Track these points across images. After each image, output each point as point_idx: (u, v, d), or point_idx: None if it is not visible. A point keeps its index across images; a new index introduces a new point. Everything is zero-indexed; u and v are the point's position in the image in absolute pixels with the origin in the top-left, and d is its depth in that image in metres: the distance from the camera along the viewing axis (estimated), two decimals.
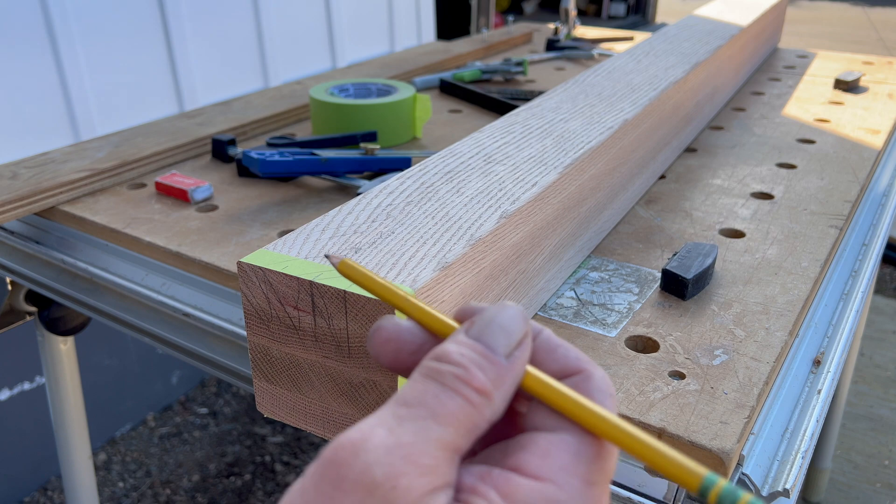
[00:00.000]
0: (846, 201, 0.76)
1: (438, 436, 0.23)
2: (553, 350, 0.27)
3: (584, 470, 0.24)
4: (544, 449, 0.24)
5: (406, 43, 2.25)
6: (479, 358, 0.25)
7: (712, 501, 0.23)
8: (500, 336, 0.25)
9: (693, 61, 0.85)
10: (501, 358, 0.25)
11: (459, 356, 0.24)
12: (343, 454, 0.22)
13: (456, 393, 0.24)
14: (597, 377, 0.26)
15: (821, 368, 0.55)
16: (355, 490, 0.21)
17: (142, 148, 0.86)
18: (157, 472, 1.70)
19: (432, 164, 0.55)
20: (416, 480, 0.21)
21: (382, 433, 0.22)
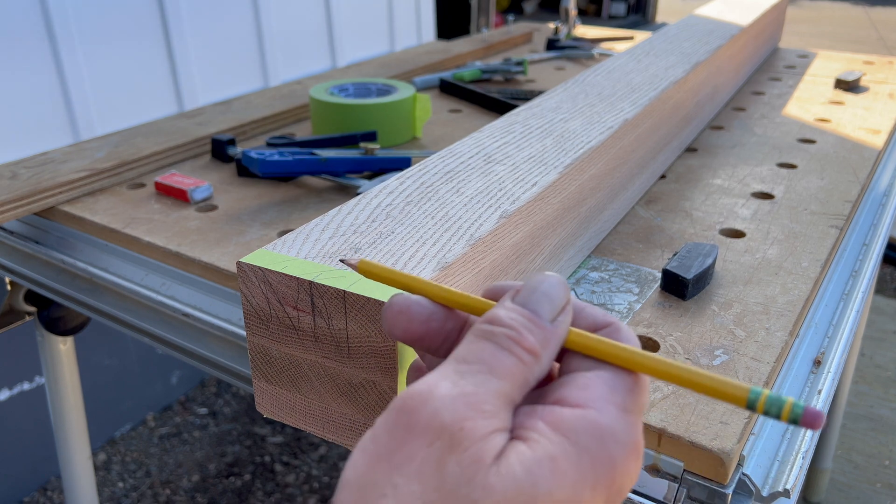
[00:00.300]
0: (847, 201, 0.75)
1: (497, 387, 0.25)
2: (581, 310, 0.30)
3: (620, 399, 0.26)
4: (583, 383, 0.27)
5: (406, 42, 2.25)
6: (527, 322, 0.27)
7: (760, 411, 0.25)
8: (545, 303, 0.28)
9: (693, 61, 0.85)
10: (547, 322, 0.28)
11: (510, 319, 0.27)
12: (412, 403, 0.24)
13: (509, 352, 0.26)
14: (624, 328, 0.29)
15: (821, 368, 0.55)
16: (426, 433, 0.24)
17: (141, 148, 0.86)
18: (156, 473, 1.70)
19: (432, 163, 0.55)
20: (480, 423, 0.24)
21: (447, 385, 0.25)
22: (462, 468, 0.23)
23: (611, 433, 0.25)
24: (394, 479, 0.23)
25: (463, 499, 0.23)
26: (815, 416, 0.25)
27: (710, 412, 0.45)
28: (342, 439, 0.42)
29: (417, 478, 0.23)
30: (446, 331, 0.31)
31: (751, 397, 0.26)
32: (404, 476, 0.23)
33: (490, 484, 0.23)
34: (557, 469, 0.24)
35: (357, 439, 0.41)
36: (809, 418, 0.25)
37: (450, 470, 0.23)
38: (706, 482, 0.43)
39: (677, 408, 0.46)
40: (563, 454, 0.24)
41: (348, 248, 0.42)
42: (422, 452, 0.23)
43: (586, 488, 0.24)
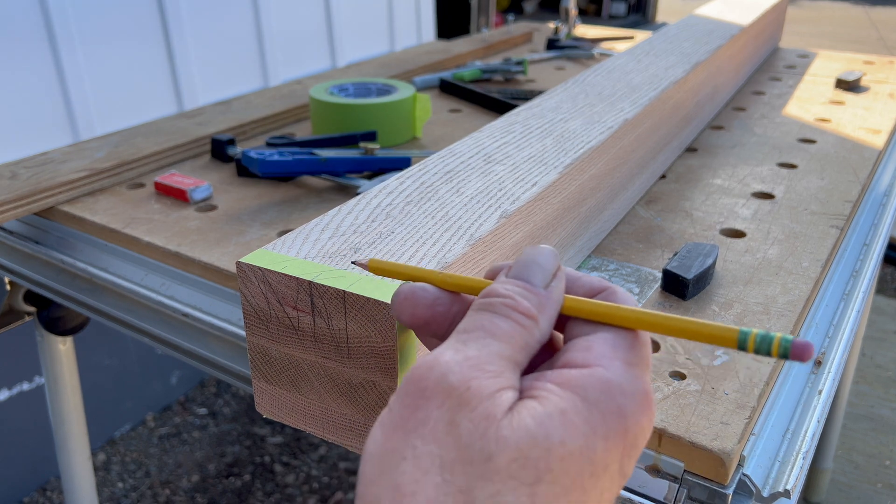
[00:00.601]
0: (847, 201, 0.75)
1: (498, 349, 0.27)
2: (576, 279, 0.31)
3: (623, 354, 0.28)
4: (586, 345, 0.28)
5: (406, 42, 2.25)
6: (521, 290, 0.29)
7: (751, 350, 0.26)
8: (537, 271, 0.30)
9: (693, 61, 0.85)
10: (540, 289, 0.29)
11: (505, 290, 0.29)
12: (419, 371, 0.26)
13: (507, 317, 0.28)
14: (619, 291, 0.30)
15: (822, 369, 0.55)
16: (435, 396, 0.25)
17: (141, 148, 0.86)
18: (156, 473, 1.70)
19: (432, 163, 0.55)
20: (485, 382, 0.25)
21: (451, 353, 0.26)
22: (474, 424, 0.24)
23: (618, 386, 0.26)
24: (412, 442, 0.25)
25: (478, 453, 0.24)
26: (804, 347, 0.25)
27: (711, 412, 0.45)
28: (342, 439, 0.42)
29: (433, 438, 0.24)
30: (452, 314, 0.32)
31: (740, 337, 0.26)
32: (420, 438, 0.24)
33: (503, 436, 0.24)
34: (568, 421, 0.25)
35: (357, 439, 0.41)
36: (798, 351, 0.25)
37: (463, 427, 0.24)
38: (706, 482, 0.43)
39: (677, 408, 0.45)
40: (573, 408, 0.25)
41: (348, 248, 0.42)
42: (434, 414, 0.25)
43: (598, 439, 0.25)
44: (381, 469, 0.25)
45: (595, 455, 0.25)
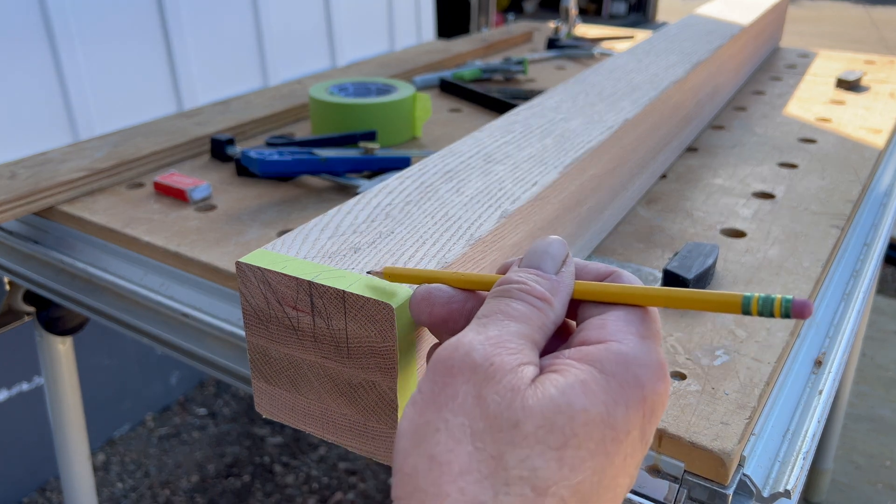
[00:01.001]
0: (848, 201, 0.75)
1: (517, 329, 0.29)
2: (584, 267, 0.33)
3: (636, 328, 0.29)
4: (600, 323, 0.30)
5: (406, 42, 2.25)
6: (534, 276, 0.31)
7: (755, 313, 0.28)
8: (548, 259, 0.32)
9: (694, 60, 0.85)
10: (552, 275, 0.32)
11: (519, 277, 0.31)
12: (445, 352, 0.28)
13: (522, 300, 0.30)
14: (625, 274, 0.32)
15: (822, 369, 0.55)
16: (462, 372, 0.27)
17: (140, 147, 0.86)
18: (155, 473, 1.70)
19: (432, 163, 0.55)
20: (507, 358, 0.27)
21: (472, 334, 0.28)
22: (500, 396, 0.26)
23: (633, 357, 0.28)
24: (443, 416, 0.26)
25: (506, 421, 0.26)
26: (803, 305, 0.27)
27: (711, 413, 0.45)
28: (342, 440, 0.42)
29: (462, 411, 0.26)
30: (467, 310, 0.34)
31: (744, 303, 0.28)
32: (451, 412, 0.26)
33: (529, 406, 0.26)
34: (589, 390, 0.27)
35: (357, 439, 0.41)
36: (798, 309, 0.27)
37: (490, 399, 0.26)
38: (707, 483, 0.43)
39: (678, 408, 0.45)
40: (592, 378, 0.27)
41: (348, 248, 0.42)
42: (462, 389, 0.27)
43: (619, 406, 0.27)
44: (417, 442, 0.26)
45: (616, 421, 0.26)
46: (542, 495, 0.25)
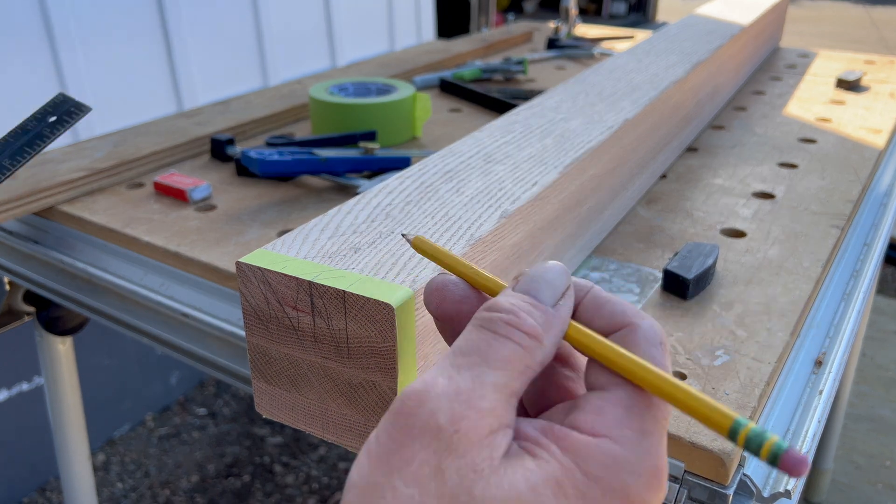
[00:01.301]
0: (848, 201, 0.75)
1: (494, 380, 0.25)
2: (601, 306, 0.29)
3: (636, 423, 0.25)
4: (598, 406, 0.26)
5: (406, 42, 2.25)
6: (527, 306, 0.27)
7: (740, 444, 0.24)
8: (545, 288, 0.28)
9: (694, 60, 0.85)
10: (548, 306, 0.28)
11: (509, 305, 0.27)
12: (409, 404, 0.24)
13: (507, 338, 0.26)
14: (643, 328, 0.28)
15: (822, 369, 0.55)
16: (423, 435, 0.24)
17: (140, 147, 0.86)
18: (155, 473, 1.70)
19: (432, 163, 0.55)
20: (477, 423, 0.24)
21: (443, 382, 0.25)
22: (461, 476, 0.23)
23: (625, 462, 0.24)
24: (393, 482, 0.23)
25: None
26: (798, 461, 0.23)
27: None
28: (342, 440, 0.42)
29: (415, 481, 0.23)
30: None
31: (732, 428, 0.24)
32: (402, 479, 0.23)
33: (491, 495, 0.23)
34: (563, 493, 0.23)
35: (357, 440, 0.41)
36: (790, 462, 0.23)
37: (449, 476, 0.23)
38: (707, 483, 0.43)
39: None
40: (570, 480, 0.24)
41: (348, 249, 0.42)
42: (420, 455, 0.24)
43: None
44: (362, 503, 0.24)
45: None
46: None
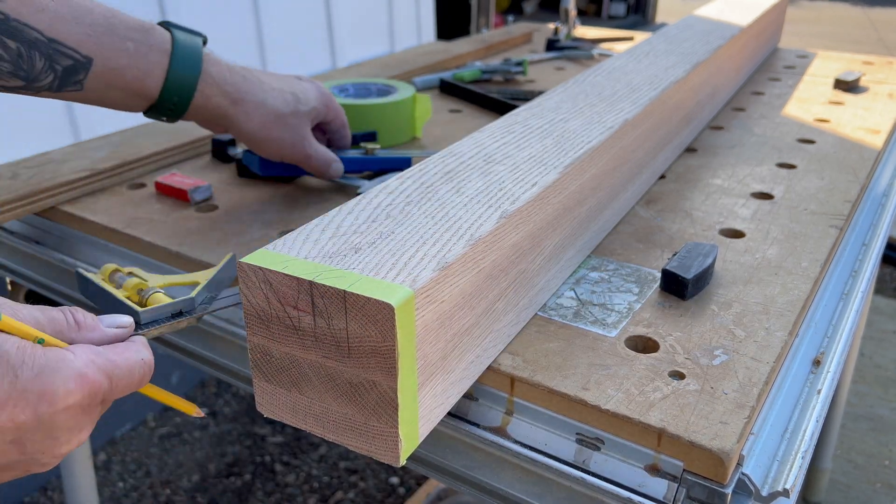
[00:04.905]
0: (846, 201, 0.76)
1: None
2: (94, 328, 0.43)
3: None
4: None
5: (406, 43, 2.25)
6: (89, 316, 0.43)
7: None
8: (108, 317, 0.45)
9: (693, 61, 0.85)
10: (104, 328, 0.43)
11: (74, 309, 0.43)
12: None
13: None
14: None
15: (821, 368, 0.55)
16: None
17: (142, 148, 0.86)
18: (156, 473, 1.70)
19: (432, 164, 0.55)
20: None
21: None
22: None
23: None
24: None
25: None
26: None
27: (710, 412, 0.45)
28: (342, 439, 0.42)
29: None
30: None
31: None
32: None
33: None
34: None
35: (357, 439, 0.41)
36: None
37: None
38: (706, 482, 0.43)
39: (677, 408, 0.46)
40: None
41: (348, 249, 0.42)
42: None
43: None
44: None
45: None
46: None
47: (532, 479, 0.50)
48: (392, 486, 1.68)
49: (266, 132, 0.69)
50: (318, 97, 0.73)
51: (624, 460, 0.46)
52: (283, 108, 0.69)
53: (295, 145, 0.71)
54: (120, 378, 0.40)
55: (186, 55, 0.64)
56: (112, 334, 0.43)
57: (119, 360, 0.40)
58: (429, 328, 0.40)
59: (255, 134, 0.69)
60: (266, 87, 0.69)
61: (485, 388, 0.51)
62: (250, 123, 0.68)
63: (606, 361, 0.50)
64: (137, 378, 0.42)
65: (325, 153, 0.73)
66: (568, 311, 0.56)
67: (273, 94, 0.69)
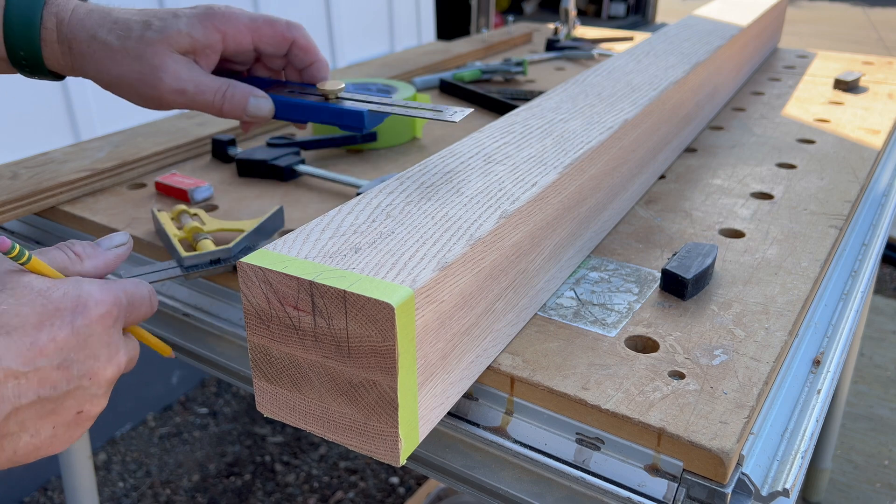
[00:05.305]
0: (846, 201, 0.76)
1: (42, 258, 0.43)
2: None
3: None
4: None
5: (406, 43, 2.25)
6: (86, 244, 0.46)
7: None
8: (106, 239, 0.48)
9: (693, 61, 0.85)
10: (102, 248, 0.47)
11: (74, 241, 0.46)
12: None
13: (59, 249, 0.45)
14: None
15: (820, 368, 0.55)
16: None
17: (142, 148, 0.87)
18: (157, 472, 1.70)
19: (432, 164, 0.55)
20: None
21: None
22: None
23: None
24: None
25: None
26: None
27: (710, 412, 0.45)
28: (342, 439, 0.42)
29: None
30: None
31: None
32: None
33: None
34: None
35: (357, 439, 0.41)
36: None
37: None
38: (705, 482, 0.43)
39: (677, 407, 0.46)
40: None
41: (348, 248, 0.42)
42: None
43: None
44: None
45: None
46: None
47: (532, 479, 0.50)
48: (392, 486, 1.68)
49: (105, 72, 0.58)
50: (192, 18, 0.58)
51: (624, 460, 0.46)
52: (114, 41, 0.57)
53: (145, 80, 0.58)
54: (133, 297, 0.43)
55: (22, 2, 0.57)
56: (114, 255, 0.45)
57: (128, 285, 0.43)
58: (429, 328, 0.40)
59: (98, 78, 0.59)
60: (106, 21, 0.58)
61: (485, 387, 0.51)
62: (86, 66, 0.59)
63: (606, 361, 0.50)
64: (147, 303, 0.45)
65: (210, 86, 0.59)
66: (568, 311, 0.57)
67: (109, 25, 0.58)
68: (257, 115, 0.60)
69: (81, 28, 0.57)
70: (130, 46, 0.57)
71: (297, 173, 0.82)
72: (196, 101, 0.59)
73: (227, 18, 0.59)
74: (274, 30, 0.60)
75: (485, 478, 0.51)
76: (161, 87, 0.58)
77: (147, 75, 0.57)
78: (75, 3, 0.59)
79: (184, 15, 0.58)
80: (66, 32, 0.58)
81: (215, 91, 0.59)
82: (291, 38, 0.61)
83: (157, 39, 0.57)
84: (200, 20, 0.58)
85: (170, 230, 0.65)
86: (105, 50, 0.57)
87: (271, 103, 0.61)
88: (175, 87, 0.58)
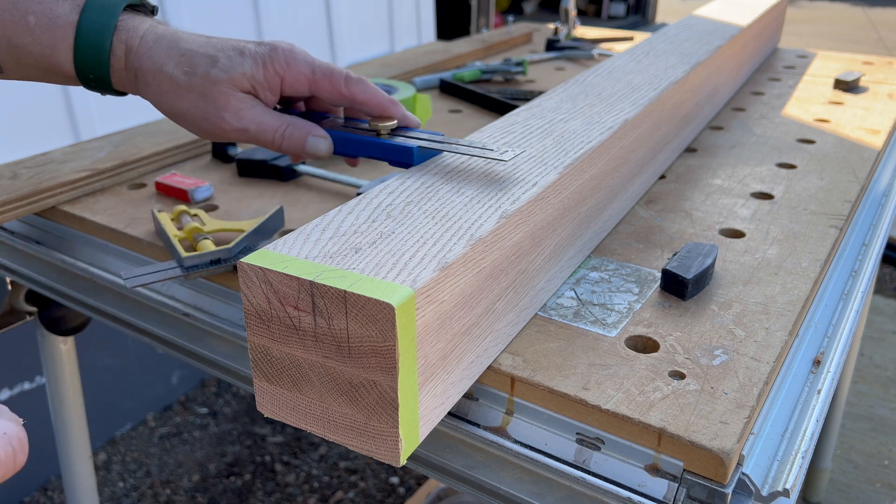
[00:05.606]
0: (846, 201, 0.76)
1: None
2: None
3: None
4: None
5: (406, 43, 2.25)
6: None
7: None
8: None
9: (693, 61, 0.85)
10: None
11: None
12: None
13: None
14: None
15: (821, 368, 0.55)
16: None
17: (142, 148, 0.87)
18: (157, 472, 1.70)
19: (432, 164, 0.55)
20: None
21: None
22: None
23: None
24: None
25: None
26: None
27: (710, 412, 0.45)
28: (342, 439, 0.42)
29: None
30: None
31: None
32: None
33: None
34: None
35: (358, 439, 0.41)
36: None
37: None
38: (706, 482, 0.43)
39: (677, 407, 0.46)
40: None
41: (349, 248, 0.42)
42: None
43: None
44: None
45: None
46: None
47: (532, 479, 0.50)
48: (392, 486, 1.68)
49: (169, 105, 0.59)
50: (257, 59, 0.59)
51: (624, 460, 0.46)
52: (180, 76, 0.58)
53: (209, 118, 0.58)
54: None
55: (93, 27, 0.56)
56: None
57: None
58: (429, 328, 0.40)
59: (161, 108, 0.60)
60: (173, 53, 0.58)
61: (485, 387, 0.51)
62: (150, 96, 0.59)
63: (606, 361, 0.50)
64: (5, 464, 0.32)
65: (271, 125, 0.60)
66: (568, 311, 0.57)
67: (176, 59, 0.58)
68: (315, 154, 0.61)
69: (149, 59, 0.58)
70: (196, 84, 0.57)
71: (297, 173, 0.82)
72: (257, 139, 0.60)
73: (288, 64, 0.59)
74: (332, 84, 0.61)
75: (485, 478, 0.51)
76: (224, 126, 0.59)
77: (210, 114, 0.58)
78: (145, 30, 0.58)
79: (248, 55, 0.59)
80: (133, 62, 0.58)
81: (275, 130, 0.60)
82: (350, 95, 0.61)
83: (223, 79, 0.57)
84: (264, 63, 0.59)
85: (170, 230, 0.65)
86: (170, 84, 0.58)
87: (330, 143, 0.61)
88: (237, 126, 0.59)
